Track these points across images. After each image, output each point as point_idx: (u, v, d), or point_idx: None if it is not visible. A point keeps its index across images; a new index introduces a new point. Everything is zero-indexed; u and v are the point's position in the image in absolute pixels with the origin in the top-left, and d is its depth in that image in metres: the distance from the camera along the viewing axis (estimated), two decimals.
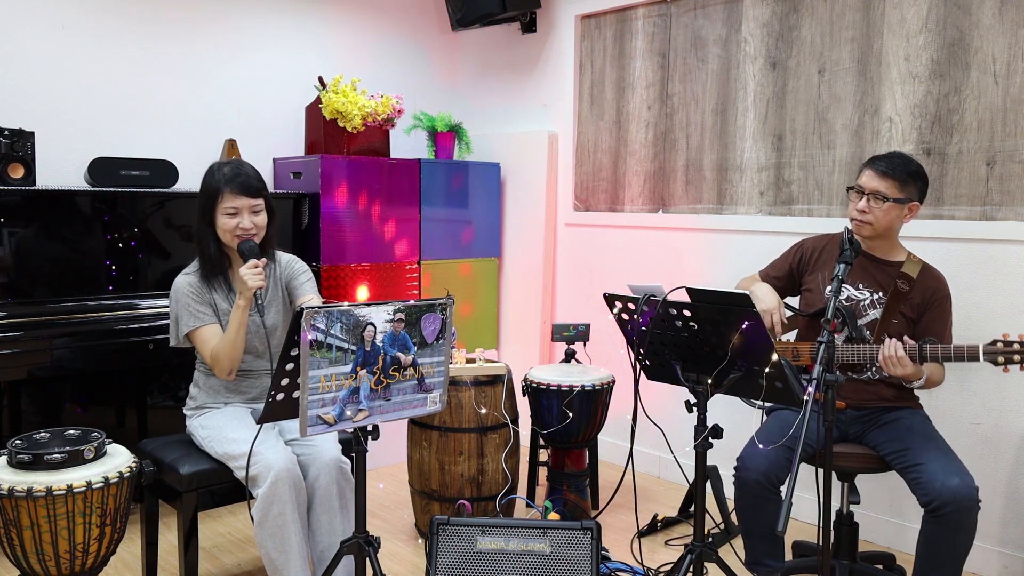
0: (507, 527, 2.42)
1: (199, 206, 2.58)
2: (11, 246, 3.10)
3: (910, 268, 2.61)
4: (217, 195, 2.53)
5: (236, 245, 2.55)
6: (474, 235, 4.41)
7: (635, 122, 4.11)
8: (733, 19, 3.70)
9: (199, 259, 2.63)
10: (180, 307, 2.58)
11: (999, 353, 2.31)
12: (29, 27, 3.45)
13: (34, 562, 2.15)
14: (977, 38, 2.99)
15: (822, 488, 2.08)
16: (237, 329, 2.51)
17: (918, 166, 2.56)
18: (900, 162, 2.54)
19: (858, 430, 2.63)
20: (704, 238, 3.81)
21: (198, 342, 2.58)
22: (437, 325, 2.07)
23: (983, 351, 2.33)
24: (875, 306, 2.62)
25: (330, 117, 3.93)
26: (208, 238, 2.59)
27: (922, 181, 2.56)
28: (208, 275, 2.61)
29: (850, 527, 2.66)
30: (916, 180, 2.54)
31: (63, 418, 3.31)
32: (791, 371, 2.06)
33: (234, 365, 2.56)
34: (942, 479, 2.29)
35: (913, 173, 2.54)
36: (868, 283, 2.64)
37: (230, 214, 2.53)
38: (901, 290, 2.57)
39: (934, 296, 2.59)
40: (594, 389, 3.23)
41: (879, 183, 2.53)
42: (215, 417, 2.61)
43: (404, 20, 4.68)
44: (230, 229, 2.54)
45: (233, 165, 2.59)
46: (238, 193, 2.53)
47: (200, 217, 2.58)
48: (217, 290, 2.62)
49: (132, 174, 3.42)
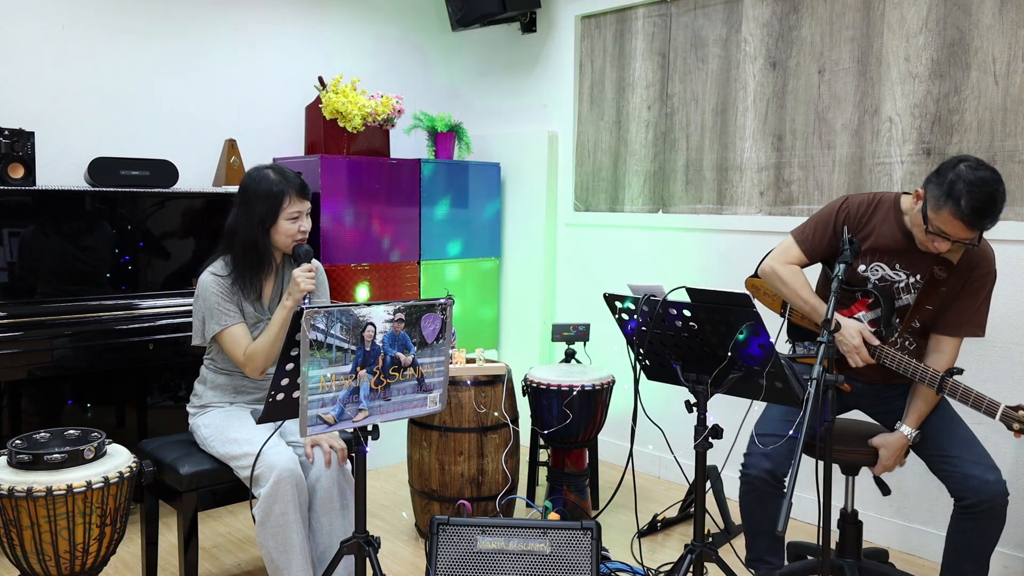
0: (507, 527, 2.42)
1: (255, 212, 2.55)
2: (11, 246, 3.10)
3: (952, 253, 2.38)
4: (283, 199, 2.55)
5: (291, 248, 2.59)
6: (474, 235, 4.41)
7: (635, 122, 4.11)
8: (733, 19, 3.70)
9: (235, 260, 2.59)
10: (208, 306, 2.56)
11: (1015, 420, 2.24)
12: (29, 27, 3.45)
13: (34, 562, 2.15)
14: (977, 38, 2.99)
15: (822, 485, 2.08)
16: (279, 329, 2.51)
17: (1003, 199, 2.23)
18: (992, 210, 2.20)
19: (870, 403, 2.58)
20: (704, 238, 3.81)
21: (229, 342, 2.55)
22: (437, 325, 2.07)
23: (1001, 412, 2.24)
24: (911, 290, 2.46)
25: (330, 117, 3.93)
26: (261, 242, 2.58)
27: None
28: (241, 277, 2.59)
29: (855, 525, 2.66)
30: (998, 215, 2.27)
31: (63, 418, 3.31)
32: (791, 371, 2.06)
33: (268, 365, 2.56)
34: (980, 476, 2.27)
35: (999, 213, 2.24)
36: (906, 264, 2.45)
37: (293, 218, 2.57)
38: (938, 277, 2.41)
39: (970, 278, 2.40)
40: (594, 389, 3.23)
41: (968, 233, 2.25)
42: (217, 416, 2.61)
43: (404, 20, 4.68)
44: (292, 234, 2.57)
45: (285, 170, 2.61)
46: (301, 197, 2.58)
47: (258, 222, 2.56)
48: (246, 292, 2.61)
49: (132, 174, 3.42)
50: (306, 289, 2.49)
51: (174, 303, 3.43)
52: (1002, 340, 2.96)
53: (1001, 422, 2.27)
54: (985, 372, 3.00)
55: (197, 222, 3.55)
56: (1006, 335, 2.95)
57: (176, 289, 3.48)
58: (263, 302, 2.66)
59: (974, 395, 2.29)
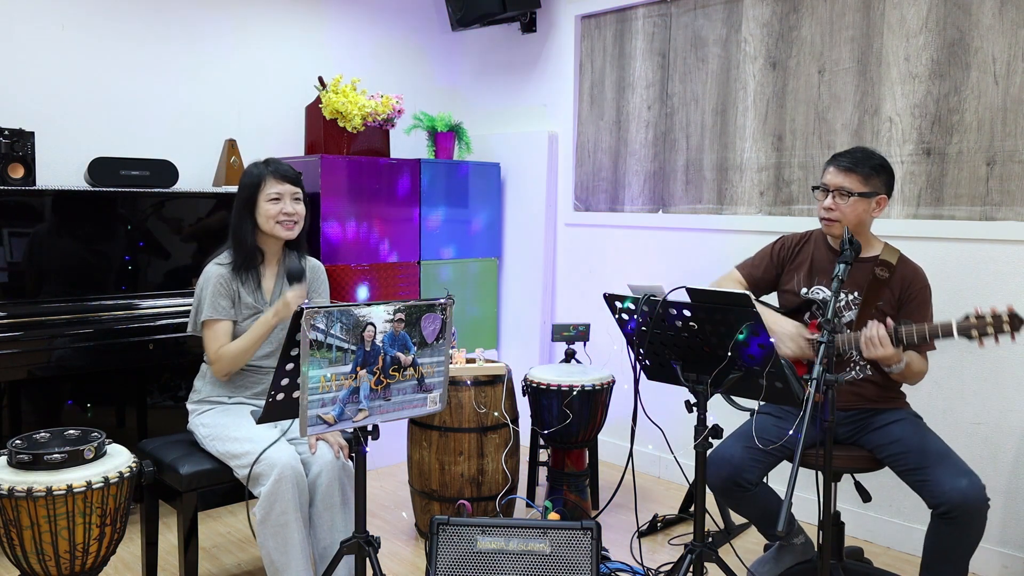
0: (507, 527, 2.42)
1: (240, 198, 2.65)
2: (11, 246, 3.10)
3: (888, 256, 2.58)
4: (260, 182, 2.63)
5: (281, 232, 2.62)
6: (474, 235, 4.41)
7: (635, 122, 4.11)
8: (733, 19, 3.70)
9: (233, 251, 2.66)
10: (205, 295, 2.61)
11: (972, 327, 2.28)
12: (29, 27, 3.45)
13: (34, 562, 2.15)
14: (977, 38, 2.99)
15: (822, 489, 2.08)
16: (255, 340, 2.56)
17: (882, 159, 2.54)
18: (862, 156, 2.52)
19: (848, 432, 2.60)
20: (704, 238, 3.81)
21: (208, 335, 2.59)
22: (437, 325, 2.07)
23: (957, 327, 2.30)
24: (852, 307, 2.59)
25: (330, 117, 3.93)
26: (247, 229, 2.64)
27: (887, 174, 2.54)
28: (240, 267, 2.64)
29: (836, 527, 2.66)
30: (880, 173, 2.52)
31: (63, 418, 3.31)
32: (791, 371, 2.06)
33: (234, 370, 2.61)
34: (950, 482, 2.27)
35: (877, 166, 2.51)
36: (845, 284, 2.58)
37: (273, 199, 2.61)
38: (880, 277, 2.54)
39: (911, 287, 2.55)
40: (594, 389, 3.23)
41: (843, 179, 2.50)
42: (217, 415, 2.61)
43: (404, 20, 4.68)
44: (273, 215, 2.61)
45: (273, 159, 2.71)
46: (280, 180, 2.63)
47: (242, 207, 2.64)
48: (245, 283, 2.65)
49: (132, 174, 3.42)
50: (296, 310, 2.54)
51: (174, 303, 3.43)
52: (1002, 340, 2.95)
53: (962, 337, 2.30)
54: (985, 372, 3.00)
55: (197, 222, 3.56)
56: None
57: (176, 289, 3.48)
58: (263, 292, 2.68)
59: (927, 328, 2.33)
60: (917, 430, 2.50)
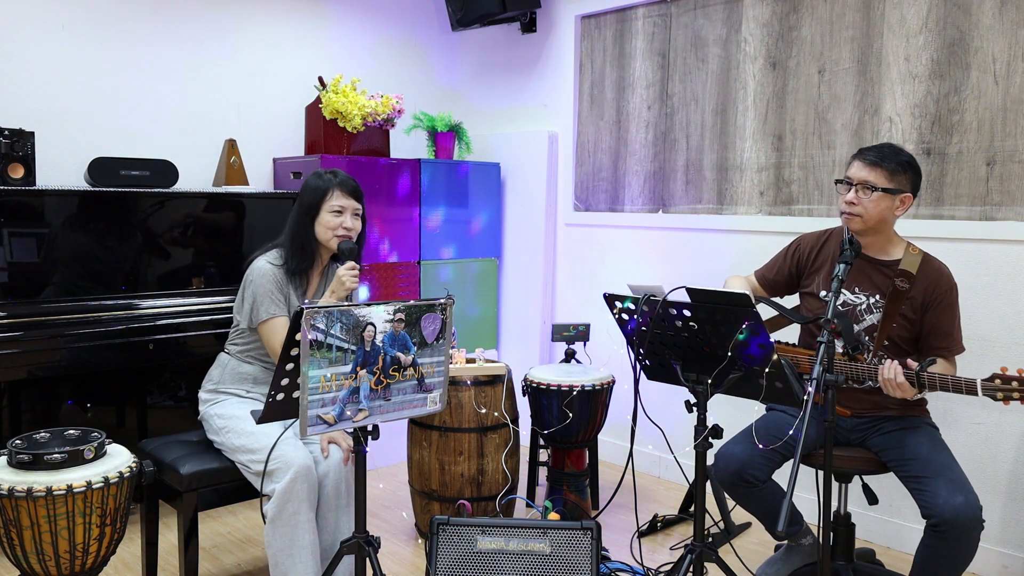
0: (507, 527, 2.42)
1: (303, 203, 2.68)
2: (11, 246, 3.10)
3: (909, 263, 2.50)
4: (327, 193, 2.66)
5: (334, 245, 2.66)
6: (474, 235, 4.41)
7: (635, 122, 4.11)
8: (733, 19, 3.70)
9: (290, 252, 2.67)
10: (262, 291, 2.60)
11: (997, 389, 2.22)
12: (29, 27, 3.45)
13: (34, 562, 2.15)
14: (977, 38, 2.99)
15: (822, 489, 2.08)
16: None
17: (909, 156, 2.48)
18: (890, 151, 2.47)
19: (859, 436, 2.58)
20: (704, 238, 3.81)
21: (268, 330, 2.59)
22: (437, 325, 2.07)
23: (981, 387, 2.23)
24: (872, 310, 2.54)
25: (330, 117, 3.93)
26: (308, 235, 2.67)
27: (913, 172, 2.48)
28: (295, 269, 2.65)
29: (847, 528, 2.66)
30: (907, 170, 2.46)
31: (63, 418, 3.31)
32: (791, 371, 2.06)
33: None
34: (946, 496, 2.24)
35: (904, 163, 2.46)
36: (865, 286, 2.55)
37: (336, 212, 2.65)
38: (900, 289, 2.48)
39: (935, 292, 2.48)
40: (594, 389, 3.23)
41: (868, 173, 2.45)
42: (232, 407, 2.62)
43: (404, 20, 4.68)
44: (333, 227, 2.65)
45: (342, 172, 2.74)
46: (346, 194, 2.68)
47: (303, 213, 2.67)
48: (295, 285, 2.67)
49: (132, 174, 3.42)
50: (350, 287, 2.60)
51: (174, 303, 3.43)
52: (1002, 340, 2.96)
53: (986, 397, 2.25)
54: (985, 372, 3.00)
55: (197, 222, 3.55)
56: (1006, 335, 2.95)
57: (176, 289, 3.48)
58: (308, 297, 2.71)
59: (951, 381, 2.28)
60: (928, 439, 2.46)
